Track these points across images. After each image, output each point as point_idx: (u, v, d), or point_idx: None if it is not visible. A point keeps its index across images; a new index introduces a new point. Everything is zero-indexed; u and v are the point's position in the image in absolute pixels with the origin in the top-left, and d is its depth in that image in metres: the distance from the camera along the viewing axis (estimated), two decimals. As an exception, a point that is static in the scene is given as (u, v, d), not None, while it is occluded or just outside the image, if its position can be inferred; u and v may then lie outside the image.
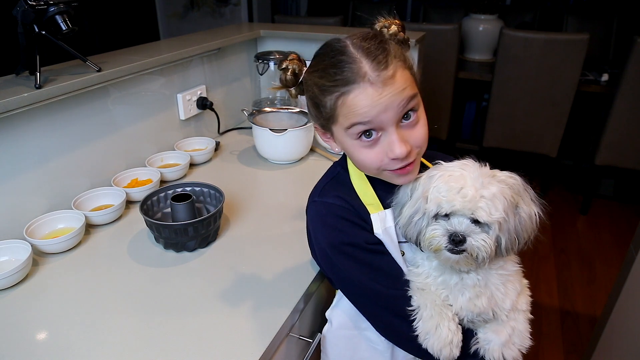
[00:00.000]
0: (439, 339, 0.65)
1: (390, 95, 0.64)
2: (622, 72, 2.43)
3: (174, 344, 0.75)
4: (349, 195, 0.75)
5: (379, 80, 0.63)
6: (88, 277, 0.92)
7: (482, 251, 0.61)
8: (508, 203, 0.62)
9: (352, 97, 0.64)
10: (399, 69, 0.65)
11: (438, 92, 2.83)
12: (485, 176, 0.63)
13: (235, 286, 0.88)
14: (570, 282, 2.31)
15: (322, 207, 0.75)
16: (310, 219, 0.78)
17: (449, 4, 3.84)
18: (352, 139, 0.69)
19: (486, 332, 0.69)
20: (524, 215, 0.64)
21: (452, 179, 0.63)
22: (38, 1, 0.99)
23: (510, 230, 0.63)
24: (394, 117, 0.65)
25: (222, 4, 3.74)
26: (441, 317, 0.66)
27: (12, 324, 0.79)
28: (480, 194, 0.60)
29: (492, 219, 0.60)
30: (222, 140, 1.59)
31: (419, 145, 0.70)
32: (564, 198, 3.08)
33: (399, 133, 0.66)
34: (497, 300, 0.67)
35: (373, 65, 0.64)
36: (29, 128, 1.02)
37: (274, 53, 1.71)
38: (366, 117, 0.65)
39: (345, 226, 0.72)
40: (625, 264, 1.32)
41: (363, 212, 0.74)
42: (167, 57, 1.34)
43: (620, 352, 1.32)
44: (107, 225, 1.09)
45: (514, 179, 0.65)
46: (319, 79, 0.68)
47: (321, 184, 0.79)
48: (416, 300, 0.69)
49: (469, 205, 0.60)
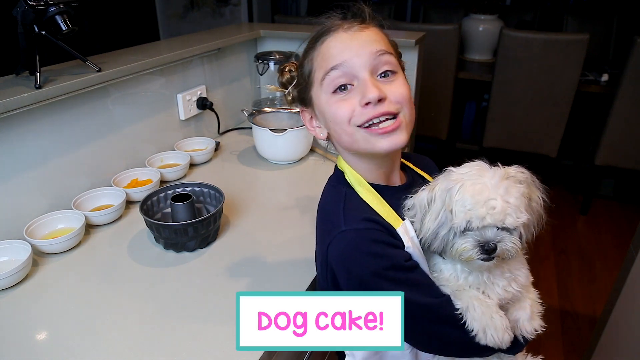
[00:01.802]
0: (498, 329, 0.66)
1: (361, 40, 0.65)
2: (622, 72, 2.42)
3: (174, 344, 0.75)
4: (372, 214, 0.69)
5: (352, 27, 0.66)
6: (88, 277, 0.92)
7: (512, 252, 0.63)
8: (527, 201, 0.64)
9: (326, 44, 0.67)
10: (375, 27, 0.68)
11: (438, 92, 2.83)
12: (503, 179, 0.63)
13: (235, 286, 0.88)
14: (570, 282, 2.31)
15: (353, 236, 0.66)
16: (339, 253, 0.67)
17: (449, 4, 3.84)
18: (327, 95, 0.67)
19: (512, 312, 0.71)
20: (535, 206, 0.66)
21: (475, 191, 0.61)
22: (38, 1, 0.99)
23: (531, 224, 0.65)
24: (367, 63, 0.65)
25: (222, 4, 3.74)
26: (490, 309, 0.67)
27: (12, 324, 0.79)
28: (506, 203, 0.61)
29: (520, 223, 0.62)
30: (222, 141, 1.59)
31: (399, 101, 0.66)
32: (564, 198, 3.08)
33: (372, 79, 0.66)
34: (521, 281, 0.70)
35: (348, 20, 0.68)
36: (29, 128, 1.02)
37: (274, 53, 1.71)
38: (337, 60, 0.65)
39: (382, 249, 0.65)
40: (625, 264, 1.32)
41: (390, 228, 0.68)
42: (167, 57, 1.34)
43: (620, 352, 1.32)
44: (107, 225, 1.09)
45: (524, 173, 0.66)
46: (302, 53, 0.71)
47: (336, 211, 0.69)
48: (460, 303, 0.67)
49: (499, 217, 0.61)
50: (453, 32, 2.70)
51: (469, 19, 3.22)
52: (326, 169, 0.83)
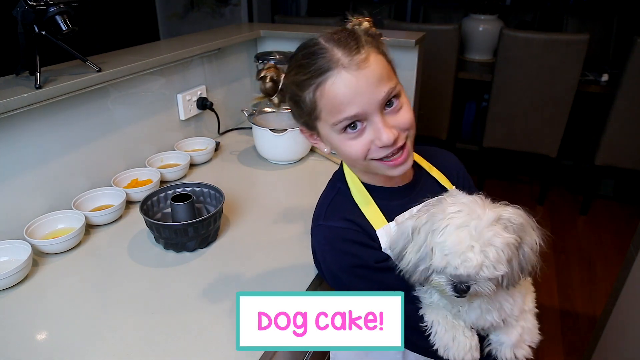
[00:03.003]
0: (459, 349, 0.66)
1: (367, 80, 0.63)
2: (622, 72, 2.42)
3: (174, 344, 0.75)
4: (354, 214, 0.73)
5: (352, 63, 0.63)
6: (88, 277, 0.92)
7: (485, 292, 0.62)
8: (513, 249, 0.61)
9: (329, 85, 0.64)
10: (372, 54, 0.65)
11: (438, 92, 2.83)
12: (492, 224, 0.60)
13: (235, 286, 0.88)
14: (570, 282, 2.31)
15: (328, 232, 0.72)
16: (317, 243, 0.74)
17: (449, 4, 3.84)
18: (337, 134, 0.68)
19: (498, 334, 0.70)
20: (527, 250, 0.63)
21: (456, 239, 0.59)
22: (38, 1, 0.99)
23: (513, 269, 0.62)
24: (376, 104, 0.65)
25: (222, 4, 3.74)
26: (455, 329, 0.67)
27: (12, 324, 0.79)
28: (483, 258, 0.58)
29: (496, 275, 0.60)
30: (222, 141, 1.59)
31: (407, 128, 0.68)
32: (564, 198, 3.08)
33: (384, 120, 0.66)
34: (506, 311, 0.68)
35: (345, 51, 0.63)
36: (29, 128, 1.02)
37: (274, 53, 1.70)
38: (349, 107, 0.64)
39: (354, 249, 0.70)
40: (625, 264, 1.32)
41: (369, 230, 0.72)
42: (167, 57, 1.34)
43: (620, 352, 1.32)
44: (107, 225, 1.09)
45: (519, 215, 0.63)
46: (295, 76, 0.68)
47: (324, 204, 0.76)
48: (428, 316, 0.69)
49: (473, 271, 0.59)
50: (453, 32, 2.70)
51: (469, 19, 3.22)
52: (326, 169, 0.83)
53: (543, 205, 3.00)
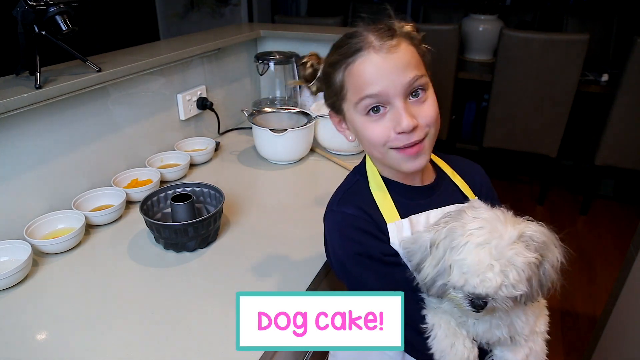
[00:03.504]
0: (455, 357, 0.65)
1: (394, 63, 0.65)
2: (622, 72, 2.42)
3: (174, 344, 0.75)
4: (367, 205, 0.73)
5: (383, 47, 0.65)
6: (88, 277, 0.92)
7: (502, 308, 0.61)
8: (533, 268, 0.59)
9: (358, 65, 0.66)
10: (404, 43, 0.67)
11: (438, 92, 2.81)
12: (514, 242, 0.58)
13: (235, 286, 0.88)
14: (570, 282, 2.31)
15: (339, 217, 0.74)
16: (327, 228, 0.76)
17: (449, 4, 3.84)
18: (361, 115, 0.69)
19: (503, 351, 0.69)
20: (548, 267, 0.62)
21: (476, 257, 0.58)
22: (38, 1, 0.99)
23: (533, 287, 0.61)
24: (400, 88, 0.66)
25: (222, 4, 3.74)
26: (456, 336, 0.66)
27: (12, 324, 0.79)
28: (503, 278, 0.57)
29: (515, 294, 0.58)
30: (222, 141, 1.59)
31: (428, 124, 0.69)
32: (564, 198, 3.08)
33: (406, 106, 0.67)
34: (516, 328, 0.66)
35: (378, 35, 0.66)
36: (29, 128, 1.02)
37: (274, 53, 1.71)
38: (372, 88, 0.66)
39: (362, 237, 0.71)
40: (625, 264, 1.32)
41: (381, 223, 0.72)
42: (167, 57, 1.34)
43: (620, 352, 1.32)
44: (107, 225, 1.09)
45: (542, 233, 0.61)
46: (330, 57, 0.71)
47: (340, 191, 0.78)
48: (430, 319, 0.68)
49: (492, 291, 0.58)
50: (453, 32, 2.70)
51: (469, 19, 3.22)
52: (326, 169, 0.83)
53: (543, 205, 2.99)
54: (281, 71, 1.76)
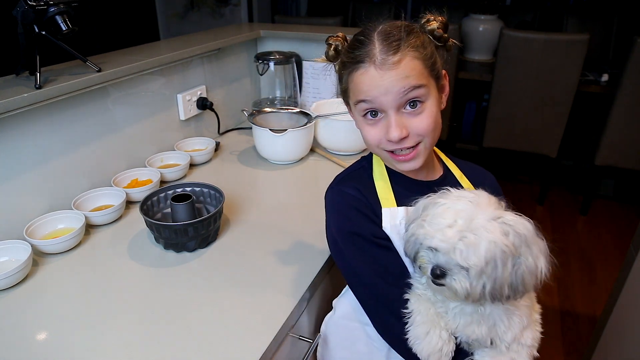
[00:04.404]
0: (429, 345, 0.65)
1: (391, 80, 0.67)
2: (622, 72, 2.43)
3: (174, 344, 0.75)
4: (366, 189, 0.78)
5: (383, 63, 0.67)
6: (88, 278, 0.92)
7: (458, 291, 0.60)
8: (501, 252, 0.58)
9: (358, 75, 0.70)
10: (408, 57, 0.68)
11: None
12: (488, 217, 0.59)
13: (235, 287, 0.88)
14: (570, 282, 2.31)
15: (337, 195, 0.79)
16: (325, 204, 0.81)
17: (449, 4, 3.84)
18: (359, 115, 0.74)
19: (483, 356, 0.68)
20: (525, 268, 0.59)
21: (447, 213, 0.61)
22: (38, 1, 0.99)
23: (498, 279, 0.59)
24: (393, 102, 0.69)
25: (222, 4, 3.74)
26: (433, 325, 0.66)
27: (12, 324, 0.79)
28: (460, 237, 0.58)
29: (467, 264, 0.58)
30: (222, 141, 1.59)
31: (420, 134, 0.72)
32: (564, 198, 3.08)
33: (398, 117, 0.70)
34: (497, 331, 0.66)
35: (383, 48, 0.68)
36: (29, 128, 1.02)
37: (274, 53, 1.71)
38: (367, 96, 0.70)
39: (355, 216, 0.75)
40: (625, 264, 1.32)
41: (376, 207, 0.76)
42: (167, 57, 1.34)
43: (620, 352, 1.32)
44: (107, 225, 1.09)
45: (525, 227, 0.60)
46: (344, 54, 0.74)
47: (343, 173, 0.83)
48: (411, 304, 0.69)
49: (445, 246, 0.59)
50: (453, 32, 2.68)
51: (469, 19, 3.22)
52: (326, 169, 0.84)
53: (543, 205, 3.00)
54: (281, 71, 1.76)
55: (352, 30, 1.93)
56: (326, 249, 0.97)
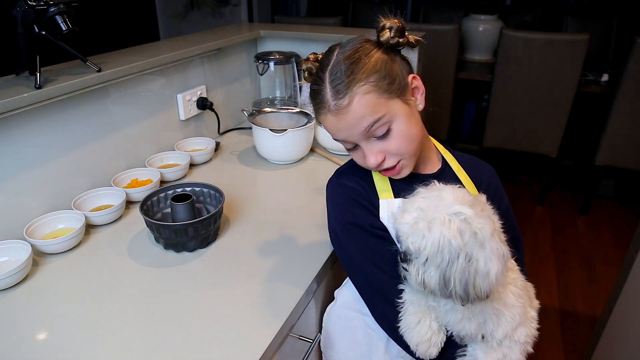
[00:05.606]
0: (418, 334, 0.68)
1: (347, 123, 0.71)
2: (622, 72, 2.43)
3: (174, 344, 0.75)
4: (365, 181, 0.81)
5: (337, 109, 0.71)
6: (88, 278, 0.92)
7: (413, 278, 0.64)
8: (451, 245, 0.59)
9: (322, 119, 0.75)
10: (357, 96, 0.70)
11: (438, 92, 2.83)
12: (449, 212, 0.61)
13: (235, 287, 0.88)
14: (570, 282, 2.31)
15: (336, 187, 0.82)
16: (326, 196, 0.84)
17: (449, 4, 3.84)
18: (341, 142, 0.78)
19: (475, 349, 0.69)
20: (478, 269, 0.60)
21: (414, 202, 0.66)
22: (38, 1, 0.99)
23: (446, 273, 0.60)
24: (359, 137, 0.73)
25: (222, 4, 3.74)
26: (424, 315, 0.68)
27: (12, 324, 0.79)
28: (411, 224, 0.63)
29: (413, 247, 0.62)
30: (222, 141, 1.59)
31: (397, 154, 0.75)
32: (564, 198, 3.08)
33: (370, 146, 0.74)
34: (487, 328, 0.67)
35: (332, 93, 0.71)
36: (29, 128, 1.02)
37: (274, 53, 1.70)
38: (336, 137, 0.76)
39: (353, 207, 0.78)
40: (625, 264, 1.32)
41: (374, 198, 0.79)
42: (167, 57, 1.34)
43: (620, 352, 1.32)
44: (107, 225, 1.09)
45: (483, 228, 0.60)
46: (311, 91, 0.77)
47: (344, 166, 0.87)
48: (406, 294, 0.71)
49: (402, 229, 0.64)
50: (453, 32, 2.70)
51: (469, 19, 3.22)
52: (326, 169, 0.84)
53: (543, 205, 3.00)
54: (281, 71, 1.76)
55: (352, 30, 1.93)
56: (326, 248, 0.97)
